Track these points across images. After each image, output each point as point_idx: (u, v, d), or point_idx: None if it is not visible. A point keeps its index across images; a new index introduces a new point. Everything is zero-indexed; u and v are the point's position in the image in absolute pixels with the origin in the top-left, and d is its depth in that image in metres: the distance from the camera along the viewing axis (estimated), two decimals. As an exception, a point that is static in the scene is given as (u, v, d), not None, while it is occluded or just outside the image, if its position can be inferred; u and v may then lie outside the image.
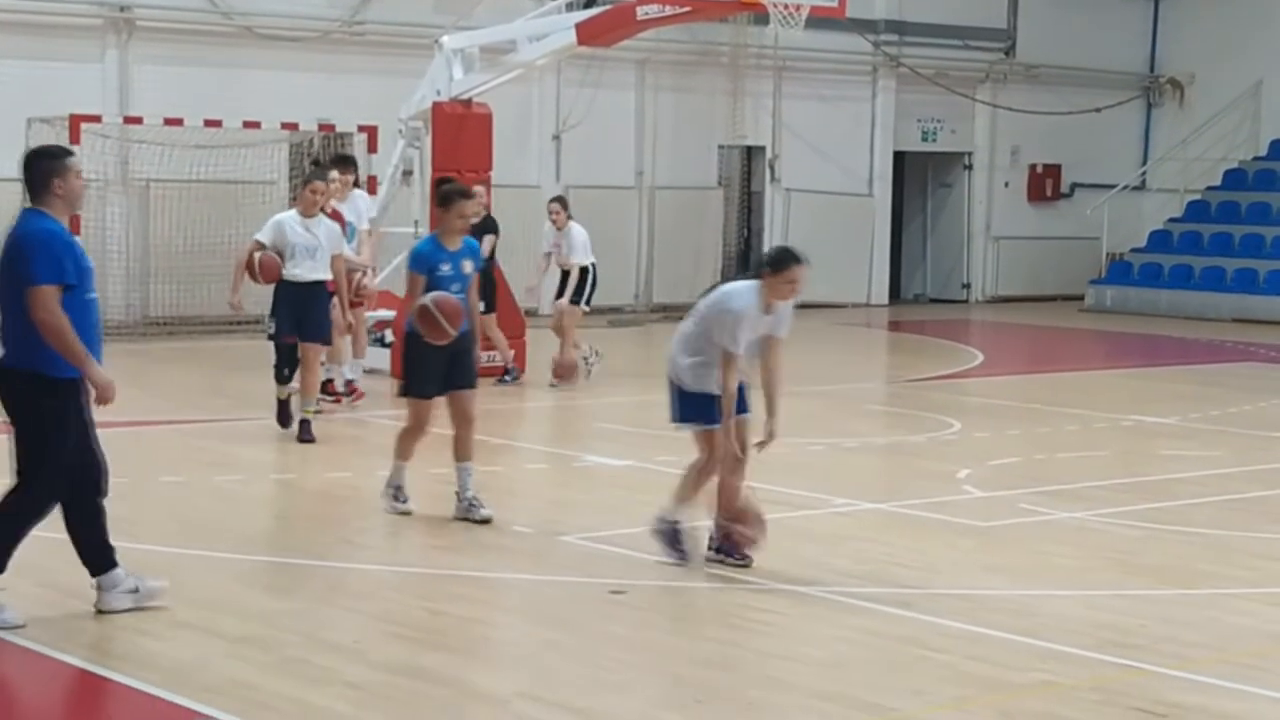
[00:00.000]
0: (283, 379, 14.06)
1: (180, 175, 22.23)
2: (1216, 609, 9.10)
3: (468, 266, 10.94)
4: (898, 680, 7.68)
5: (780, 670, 7.76)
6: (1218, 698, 7.51)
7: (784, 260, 9.58)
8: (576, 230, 18.25)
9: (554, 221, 18.22)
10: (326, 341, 14.20)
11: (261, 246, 13.80)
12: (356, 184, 17.09)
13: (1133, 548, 10.63)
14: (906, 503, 11.84)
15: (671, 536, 9.72)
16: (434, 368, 10.75)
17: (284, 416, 14.08)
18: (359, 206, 16.58)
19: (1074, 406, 17.10)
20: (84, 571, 8.43)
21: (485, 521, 10.64)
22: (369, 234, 16.75)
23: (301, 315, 13.77)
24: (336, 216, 14.92)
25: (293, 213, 13.99)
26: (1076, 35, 31.10)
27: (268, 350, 15.60)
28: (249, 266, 13.85)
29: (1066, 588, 9.53)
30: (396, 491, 11.03)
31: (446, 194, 11.13)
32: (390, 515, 10.98)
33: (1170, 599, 9.34)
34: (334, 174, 15.70)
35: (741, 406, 9.59)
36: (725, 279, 27.00)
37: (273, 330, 14.05)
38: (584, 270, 18.19)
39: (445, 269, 10.82)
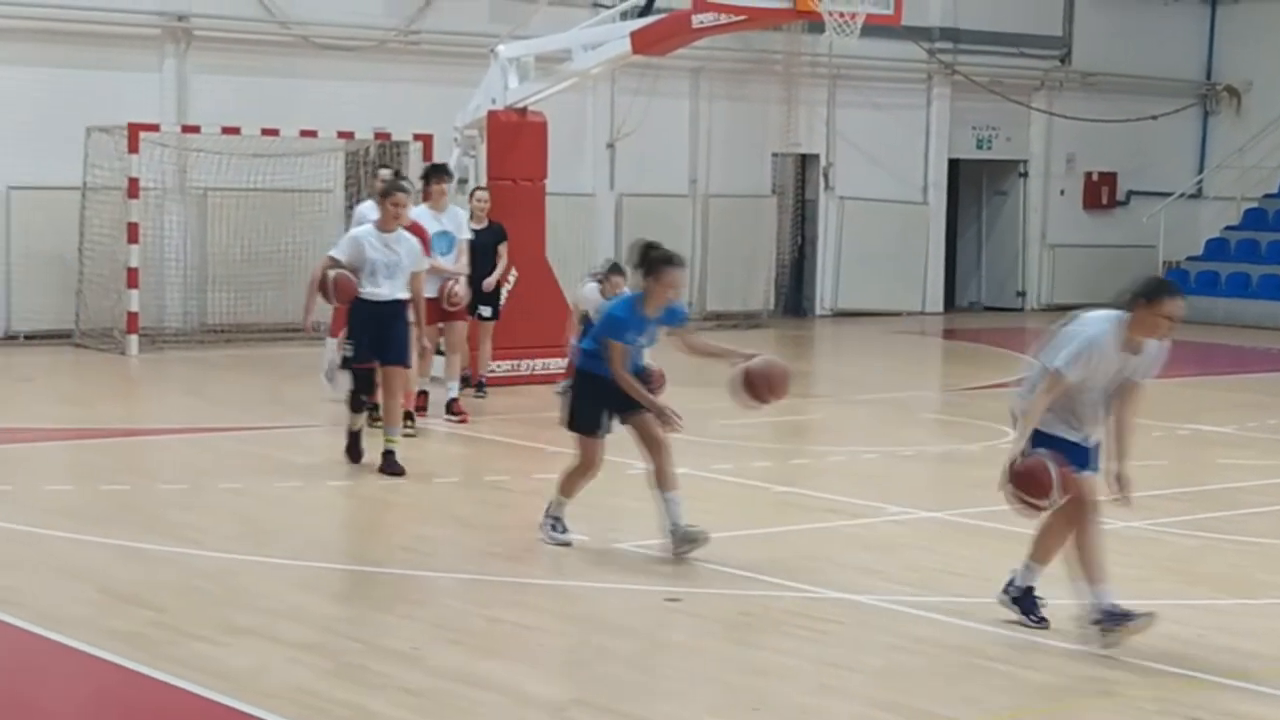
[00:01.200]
0: (358, 406, 12.99)
1: (237, 184, 22.37)
2: (1276, 619, 9.05)
3: (661, 332, 10.16)
4: (954, 690, 7.66)
5: (836, 679, 7.76)
6: (1277, 708, 7.47)
7: (1160, 291, 8.70)
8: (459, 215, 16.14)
9: (604, 291, 14.70)
10: (408, 365, 13.06)
11: (336, 264, 12.60)
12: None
13: (1191, 557, 10.59)
14: (962, 511, 11.81)
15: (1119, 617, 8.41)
16: (605, 402, 10.10)
17: (355, 449, 13.02)
18: (458, 217, 15.59)
19: (1130, 415, 16.98)
20: (143, 576, 8.48)
21: (695, 541, 9.98)
22: (467, 245, 15.67)
23: (381, 337, 12.62)
24: (416, 230, 13.62)
25: (370, 228, 12.83)
26: (1132, 42, 30.95)
27: (322, 356, 15.70)
28: (322, 286, 12.60)
29: (1125, 597, 9.45)
30: (555, 522, 10.45)
31: (655, 261, 10.08)
32: (447, 523, 11.00)
33: (1229, 608, 9.29)
34: (415, 184, 14.72)
35: (1085, 461, 8.62)
36: (778, 287, 27.31)
37: (350, 353, 12.83)
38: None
39: (638, 338, 10.11)
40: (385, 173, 16.07)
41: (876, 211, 28.52)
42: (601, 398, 10.08)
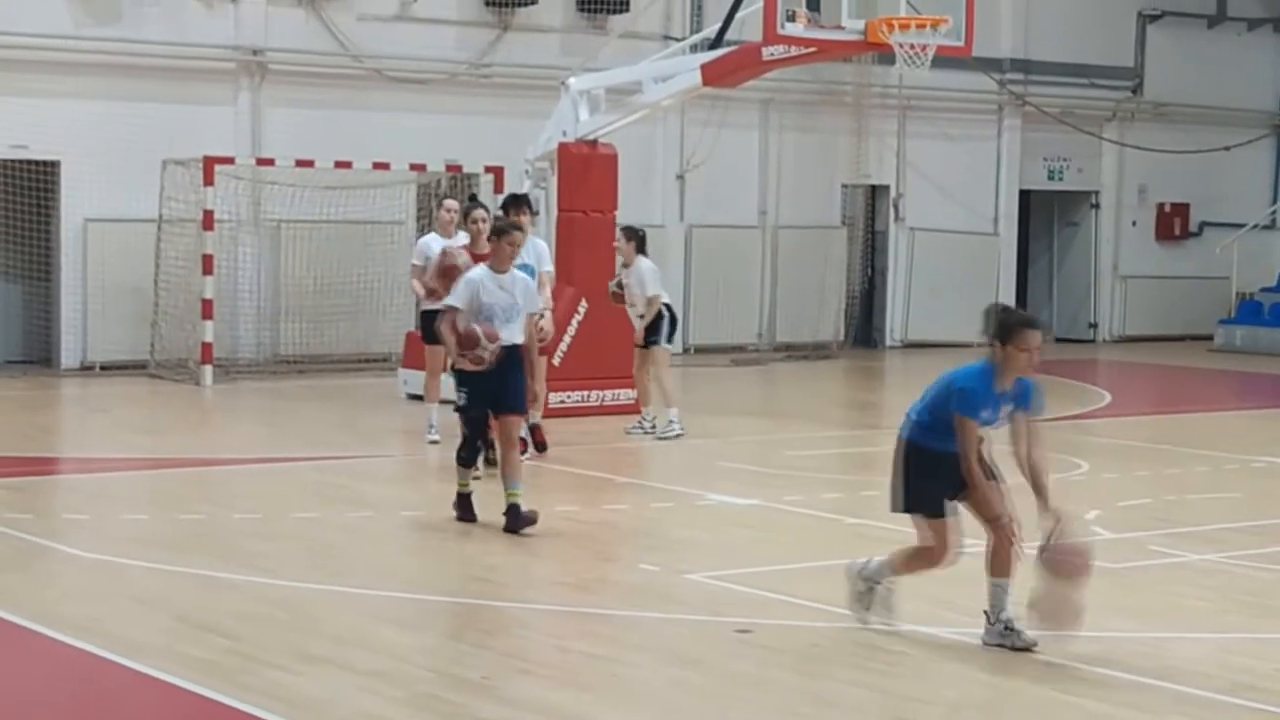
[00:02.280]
0: (468, 461, 12.01)
1: (310, 216, 22.57)
2: (1353, 653, 8.96)
3: (1017, 410, 8.85)
4: (1027, 722, 7.63)
5: (908, 711, 7.74)
6: (1355, 743, 7.40)
7: (1013, 327, 8.66)
8: (646, 265, 16.53)
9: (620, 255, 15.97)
10: (525, 413, 12.47)
11: (457, 311, 11.83)
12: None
13: (1266, 590, 10.50)
14: (1033, 544, 11.72)
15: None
16: (945, 480, 8.90)
17: (466, 508, 12.04)
18: (540, 250, 15.09)
19: (1204, 447, 16.90)
20: (217, 605, 8.54)
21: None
22: (549, 276, 15.25)
23: (498, 386, 11.76)
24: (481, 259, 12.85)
25: (483, 269, 12.02)
26: (1204, 73, 30.79)
27: (393, 387, 15.78)
28: (458, 337, 11.70)
29: (1199, 630, 9.42)
30: (999, 625, 8.84)
31: (1013, 326, 8.73)
32: (519, 553, 11.04)
33: (1305, 643, 9.20)
34: (480, 212, 14.47)
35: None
36: (849, 318, 27.27)
37: (462, 402, 11.93)
38: (659, 305, 16.45)
39: (994, 415, 8.83)
40: (450, 203, 16.05)
41: (947, 242, 28.46)
42: (943, 472, 8.86)
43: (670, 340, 16.88)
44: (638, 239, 16.65)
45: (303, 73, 23.09)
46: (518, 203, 14.74)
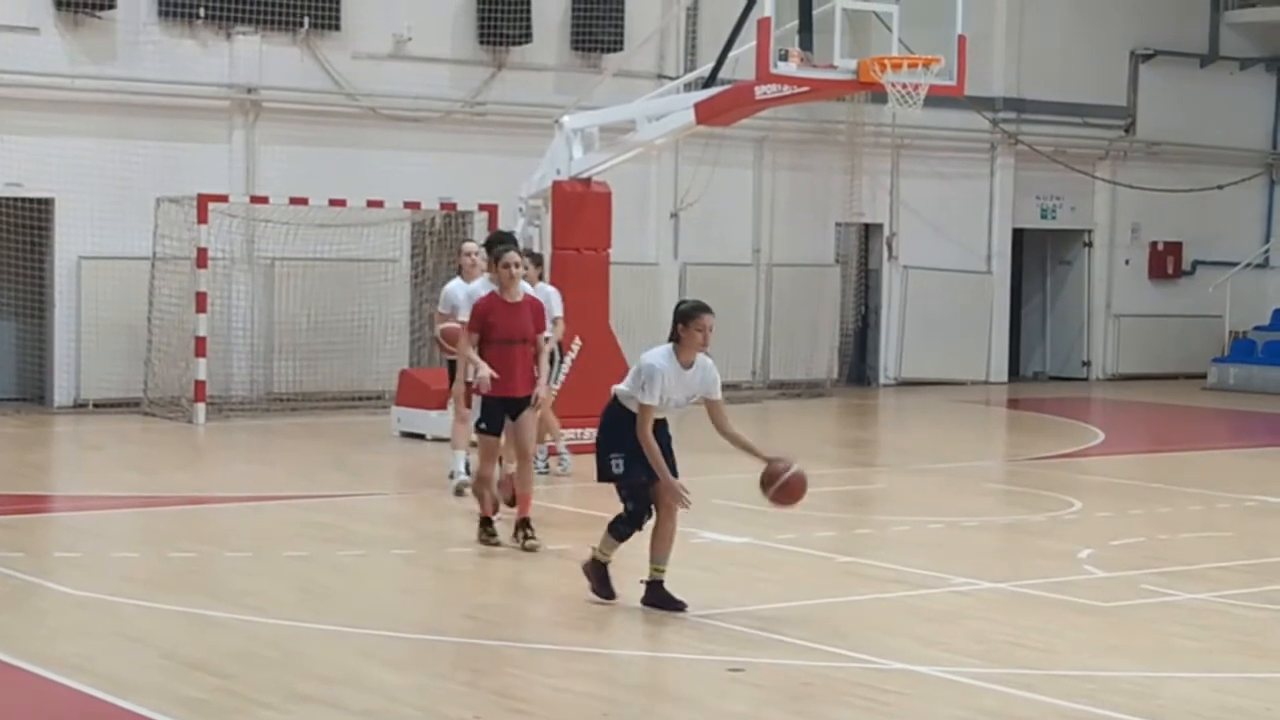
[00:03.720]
0: (626, 533, 10.65)
1: (304, 253, 22.57)
2: (1345, 693, 8.94)
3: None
4: (1018, 762, 7.62)
5: (899, 750, 7.73)
6: (1346, 784, 7.39)
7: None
8: (550, 293, 15.43)
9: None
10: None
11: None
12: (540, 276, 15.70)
13: (1258, 629, 10.49)
14: (1027, 582, 11.75)
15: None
16: None
17: (606, 585, 10.75)
18: (549, 296, 14.94)
19: (1197, 486, 16.90)
20: (208, 643, 8.53)
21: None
22: (557, 323, 15.32)
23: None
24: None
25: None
26: (1197, 112, 30.89)
27: (387, 425, 15.72)
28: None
29: (1190, 670, 9.41)
30: None
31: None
32: (511, 591, 11.02)
33: (1297, 682, 9.20)
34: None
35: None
36: (843, 356, 27.29)
37: (619, 468, 10.57)
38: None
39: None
40: (470, 246, 15.67)
41: (940, 281, 28.50)
42: None
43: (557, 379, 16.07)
44: (538, 260, 15.97)
45: (297, 110, 23.13)
46: (530, 255, 14.65)
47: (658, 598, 10.44)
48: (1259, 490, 16.65)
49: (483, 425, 12.46)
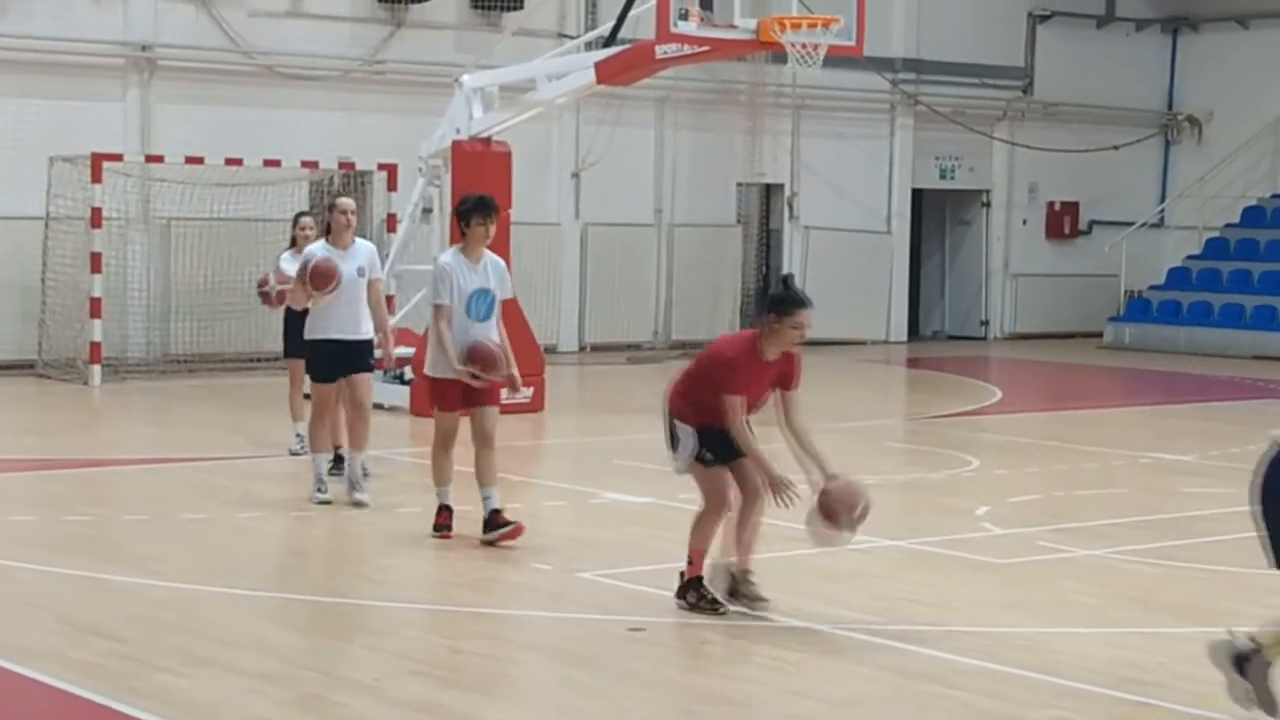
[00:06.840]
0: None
1: (201, 213, 22.34)
2: (1235, 647, 9.07)
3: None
4: (915, 717, 7.68)
5: (798, 708, 7.77)
6: (1237, 736, 7.51)
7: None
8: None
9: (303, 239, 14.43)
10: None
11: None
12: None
13: (1152, 585, 10.63)
14: (925, 540, 11.84)
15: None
16: None
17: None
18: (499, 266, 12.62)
19: (1092, 444, 17.10)
20: (105, 607, 8.45)
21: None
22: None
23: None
24: None
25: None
26: (1094, 73, 31.16)
27: (284, 386, 15.55)
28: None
29: (1085, 625, 9.53)
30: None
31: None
32: (410, 553, 10.99)
33: (1189, 637, 9.30)
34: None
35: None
36: (744, 316, 27.36)
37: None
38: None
39: None
40: (345, 201, 14.92)
41: (841, 241, 28.63)
42: None
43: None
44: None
45: (193, 69, 22.86)
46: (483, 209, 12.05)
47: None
48: (1154, 448, 16.86)
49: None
